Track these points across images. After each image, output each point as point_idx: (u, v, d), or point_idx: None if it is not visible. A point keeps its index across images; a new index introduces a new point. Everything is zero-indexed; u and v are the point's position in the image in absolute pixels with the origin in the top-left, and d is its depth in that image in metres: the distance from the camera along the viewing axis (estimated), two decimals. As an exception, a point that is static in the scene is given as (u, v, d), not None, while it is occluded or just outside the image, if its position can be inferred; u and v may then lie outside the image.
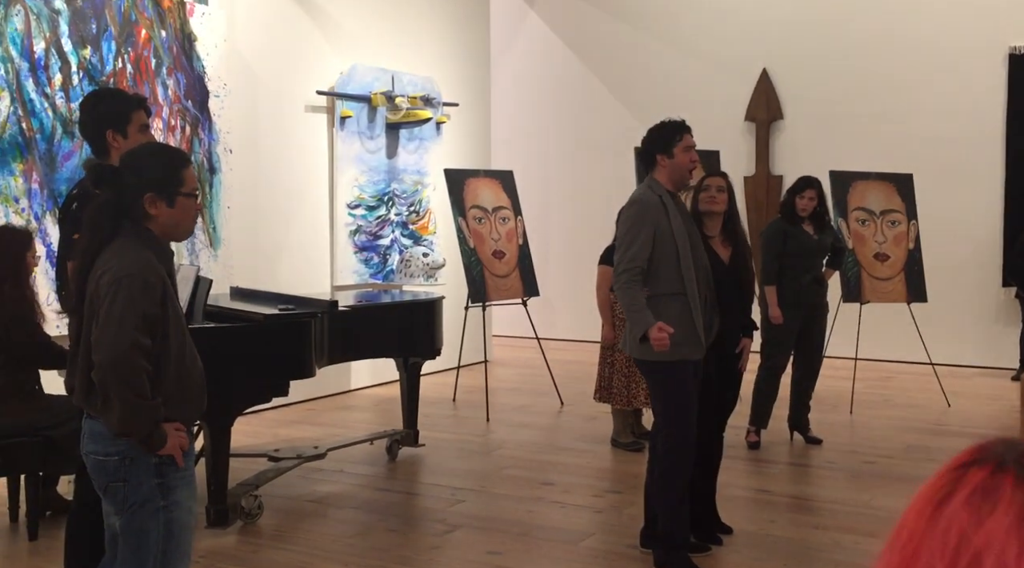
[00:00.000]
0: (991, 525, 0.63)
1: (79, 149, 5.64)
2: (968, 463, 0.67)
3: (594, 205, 9.67)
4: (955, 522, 0.64)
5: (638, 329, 3.68)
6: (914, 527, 0.67)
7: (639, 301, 3.70)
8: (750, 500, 4.80)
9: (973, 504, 0.64)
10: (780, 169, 9.33)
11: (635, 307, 3.70)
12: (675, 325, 3.72)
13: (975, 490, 0.65)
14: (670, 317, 3.74)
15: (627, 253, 3.72)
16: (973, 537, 0.62)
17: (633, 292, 3.70)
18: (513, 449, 5.89)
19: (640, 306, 3.69)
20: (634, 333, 3.70)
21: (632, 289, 3.70)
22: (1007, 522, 0.62)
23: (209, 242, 6.58)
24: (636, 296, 3.70)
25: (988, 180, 8.51)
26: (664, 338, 3.61)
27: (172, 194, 2.52)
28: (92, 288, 2.47)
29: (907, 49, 8.77)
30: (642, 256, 3.70)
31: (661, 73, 9.85)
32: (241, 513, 4.42)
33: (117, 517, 2.55)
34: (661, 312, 3.73)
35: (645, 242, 3.70)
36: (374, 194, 7.92)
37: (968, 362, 8.50)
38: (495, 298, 7.28)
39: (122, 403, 2.39)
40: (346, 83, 7.61)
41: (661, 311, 3.73)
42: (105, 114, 3.17)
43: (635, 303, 3.70)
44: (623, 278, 3.72)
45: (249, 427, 6.18)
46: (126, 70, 6.03)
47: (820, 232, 5.74)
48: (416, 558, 4.06)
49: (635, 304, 3.70)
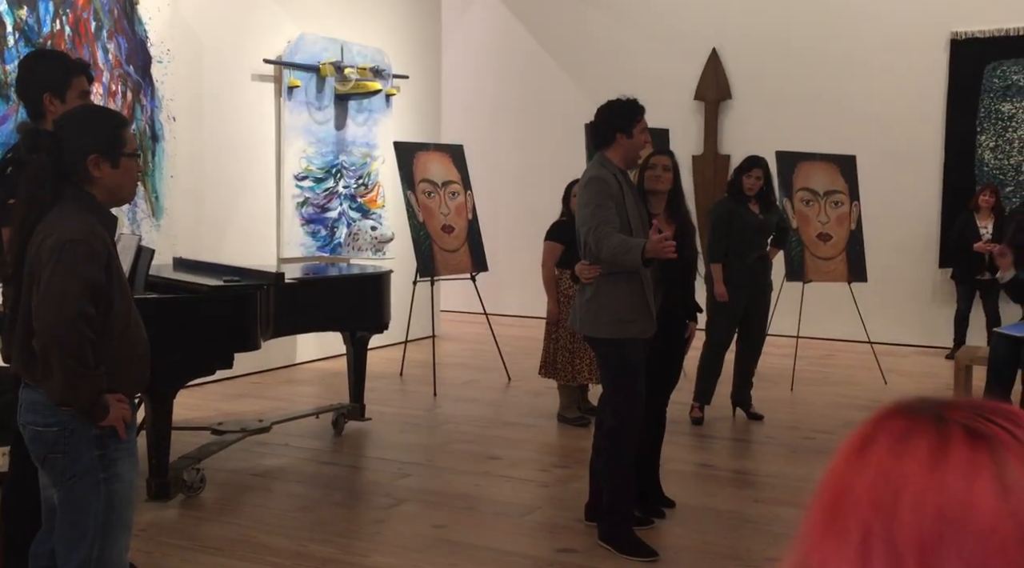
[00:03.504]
0: (909, 464, 0.70)
1: (14, 113, 5.46)
2: (888, 415, 0.75)
3: (543, 181, 9.66)
4: (877, 463, 0.71)
5: (635, 254, 3.55)
6: (841, 472, 0.74)
7: (622, 239, 3.60)
8: (693, 474, 4.88)
9: (893, 448, 0.71)
10: (728, 148, 9.42)
11: (622, 245, 3.58)
12: (627, 303, 3.75)
13: (895, 435, 0.72)
14: (623, 295, 3.76)
15: (595, 219, 3.64)
16: (893, 475, 0.70)
17: (612, 235, 3.59)
18: (460, 423, 5.90)
19: (625, 240, 3.60)
20: (634, 261, 3.58)
21: (610, 236, 3.59)
22: (922, 459, 0.69)
23: (151, 212, 6.44)
24: (617, 237, 3.60)
25: (928, 163, 8.70)
26: (670, 245, 3.50)
27: (116, 155, 2.47)
28: (32, 254, 2.40)
29: (853, 32, 8.90)
30: (613, 222, 3.65)
31: (612, 50, 9.86)
32: (183, 486, 4.37)
33: (56, 489, 2.50)
34: (614, 290, 3.75)
35: (611, 214, 3.67)
36: (322, 166, 7.82)
37: (905, 341, 8.72)
38: (444, 273, 7.26)
39: (64, 372, 2.33)
40: (294, 52, 7.48)
41: (614, 289, 3.75)
42: (44, 77, 3.07)
43: (621, 243, 3.59)
44: (599, 232, 3.61)
45: (193, 400, 6.10)
46: (64, 32, 5.85)
47: (766, 212, 5.82)
48: (361, 532, 4.06)
49: (622, 244, 3.59)
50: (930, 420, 0.73)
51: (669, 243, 3.51)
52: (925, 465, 0.69)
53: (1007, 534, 0.66)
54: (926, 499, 0.68)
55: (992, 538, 0.67)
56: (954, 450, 0.70)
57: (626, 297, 3.76)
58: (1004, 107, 8.40)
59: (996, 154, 8.47)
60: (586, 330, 3.84)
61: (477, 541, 3.95)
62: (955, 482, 0.68)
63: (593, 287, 3.80)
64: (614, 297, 3.75)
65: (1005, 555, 0.66)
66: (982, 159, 8.51)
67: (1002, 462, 0.69)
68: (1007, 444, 0.70)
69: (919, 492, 0.69)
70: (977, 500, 0.68)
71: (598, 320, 3.77)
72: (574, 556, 3.81)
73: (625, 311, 3.76)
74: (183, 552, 3.79)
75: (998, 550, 0.66)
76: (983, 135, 8.49)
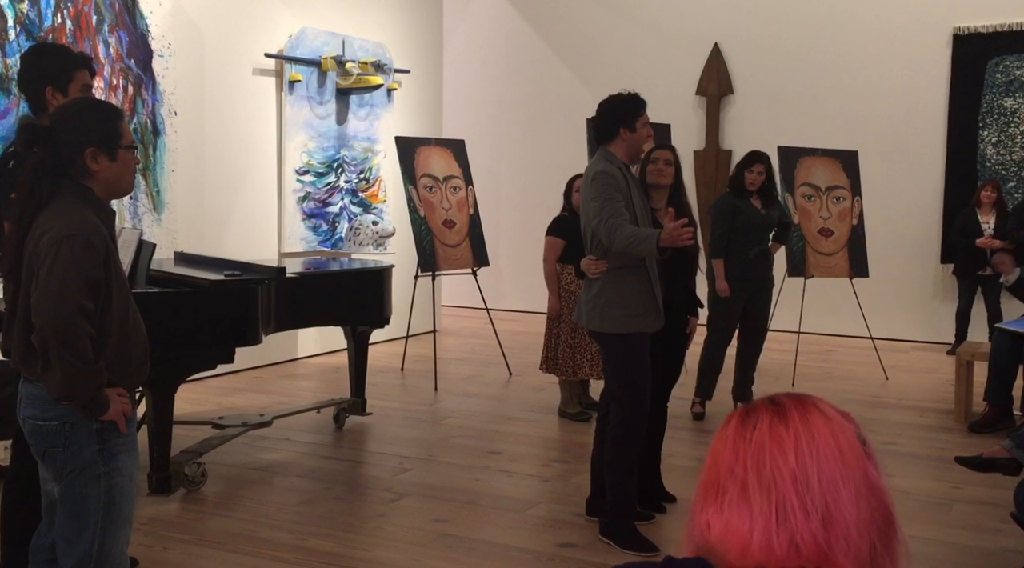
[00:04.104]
0: (760, 428, 1.08)
1: (15, 107, 5.46)
2: (730, 418, 1.14)
3: (545, 176, 9.66)
4: (732, 437, 1.10)
5: (650, 243, 3.53)
6: (717, 450, 1.11)
7: (635, 229, 3.59)
8: (694, 469, 4.88)
9: (740, 425, 1.11)
10: (729, 144, 9.41)
11: (636, 235, 3.57)
12: (636, 297, 3.74)
13: (738, 418, 1.12)
14: (630, 290, 3.75)
15: (605, 211, 3.62)
16: (740, 443, 1.08)
17: (624, 226, 3.58)
18: (461, 418, 5.90)
19: (638, 230, 3.59)
20: (649, 250, 3.56)
21: (622, 227, 3.58)
22: (765, 427, 1.09)
23: (152, 206, 6.44)
24: (629, 227, 3.59)
25: (930, 159, 8.69)
26: (687, 232, 3.48)
27: (113, 147, 2.46)
28: (31, 249, 2.40)
29: (855, 28, 8.88)
30: (623, 214, 3.63)
31: (614, 44, 9.84)
32: (184, 481, 4.37)
33: (56, 483, 2.50)
34: (622, 285, 3.74)
35: (620, 206, 3.66)
36: (323, 161, 7.81)
37: (906, 337, 8.72)
38: (445, 268, 7.26)
39: (63, 367, 2.33)
40: (295, 46, 7.47)
41: (622, 284, 3.74)
42: (46, 70, 3.07)
43: (635, 233, 3.57)
44: (610, 224, 3.59)
45: (194, 394, 6.10)
46: (65, 26, 5.84)
47: (767, 207, 5.81)
48: (362, 526, 4.06)
49: (635, 233, 3.57)
50: (744, 408, 1.12)
51: (686, 230, 3.47)
52: (767, 429, 1.07)
53: (845, 448, 1.05)
54: (785, 446, 1.05)
55: (836, 452, 1.05)
56: (785, 412, 1.08)
57: (634, 291, 3.75)
58: (1006, 102, 8.38)
59: (998, 150, 8.45)
60: (593, 325, 3.82)
61: (478, 536, 3.95)
62: (799, 428, 1.06)
63: (600, 282, 3.79)
64: (622, 291, 3.74)
65: (844, 459, 1.04)
66: (984, 155, 8.49)
67: (822, 409, 1.09)
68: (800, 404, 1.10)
69: (775, 443, 1.06)
70: (817, 434, 1.05)
71: (607, 315, 3.76)
72: (575, 551, 3.81)
73: (634, 305, 3.75)
74: (184, 546, 3.79)
75: (840, 458, 1.04)
76: (985, 130, 8.47)
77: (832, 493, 1.02)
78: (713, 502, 1.08)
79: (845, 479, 1.03)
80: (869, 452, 1.08)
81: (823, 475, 1.03)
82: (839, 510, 1.02)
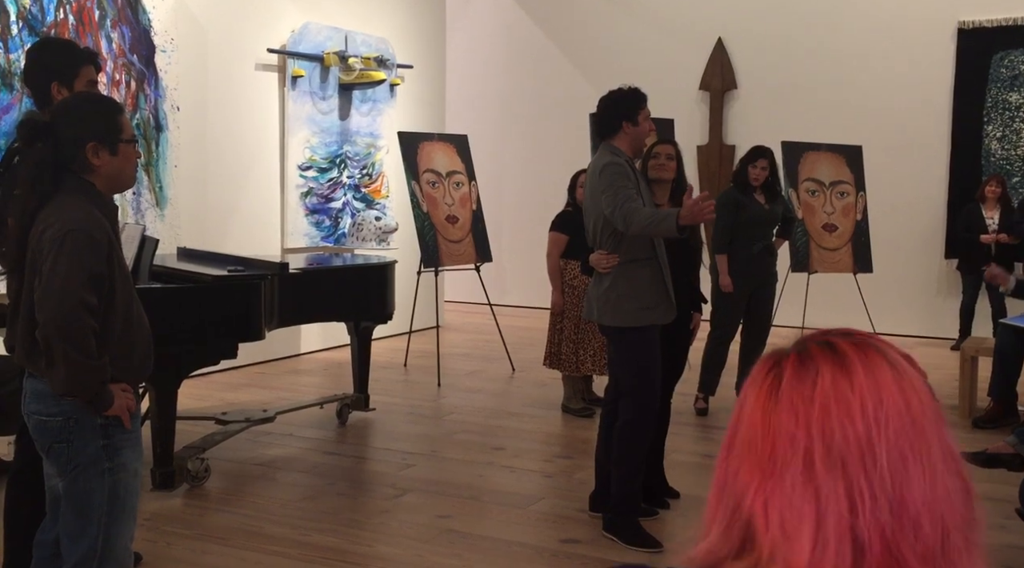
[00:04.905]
0: (821, 384, 0.83)
1: (19, 102, 5.45)
2: (773, 365, 0.87)
3: (548, 171, 9.64)
4: (789, 400, 0.84)
5: (670, 221, 3.51)
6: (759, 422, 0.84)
7: (652, 210, 3.60)
8: (698, 465, 4.88)
9: (794, 385, 0.84)
10: (733, 139, 9.39)
11: (655, 215, 3.56)
12: (649, 290, 3.74)
13: (791, 374, 0.85)
14: (642, 282, 3.74)
15: (619, 198, 3.60)
16: (808, 400, 0.83)
17: (640, 209, 3.56)
18: (464, 414, 5.90)
19: (655, 211, 3.60)
20: (669, 229, 3.54)
21: (638, 210, 3.56)
22: (826, 384, 0.83)
23: (155, 201, 6.44)
24: (646, 209, 3.58)
25: (934, 154, 8.66)
26: (708, 205, 3.45)
27: (114, 141, 2.46)
28: (34, 244, 2.39)
29: (859, 22, 8.85)
30: (636, 198, 3.61)
31: (617, 39, 9.82)
32: (187, 476, 4.38)
33: (60, 479, 2.50)
34: (635, 278, 3.73)
35: (633, 192, 3.64)
36: (326, 156, 7.80)
37: (910, 332, 8.69)
38: (448, 263, 7.25)
39: (67, 363, 2.32)
40: (298, 42, 7.46)
41: (635, 277, 3.73)
42: (52, 65, 3.05)
43: (652, 213, 3.57)
44: (625, 208, 3.56)
45: (197, 390, 6.10)
46: (68, 21, 5.84)
47: (771, 202, 5.80)
48: (366, 522, 4.06)
49: (654, 214, 3.57)
50: (796, 353, 0.86)
51: (707, 204, 3.45)
52: (831, 386, 0.83)
53: (917, 410, 0.83)
54: (852, 409, 0.81)
55: (907, 416, 0.82)
56: (848, 364, 0.84)
57: (646, 283, 3.74)
58: (1011, 97, 8.36)
59: (1003, 144, 8.42)
60: (606, 319, 3.80)
61: (481, 531, 3.95)
62: (864, 385, 0.83)
63: (611, 276, 3.77)
64: (634, 285, 3.73)
65: (915, 425, 0.82)
66: (989, 149, 8.47)
67: (889, 357, 0.86)
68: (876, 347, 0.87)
69: (841, 405, 0.82)
70: (885, 394, 0.82)
71: (620, 308, 3.74)
72: (578, 546, 3.81)
73: (646, 298, 3.74)
74: (187, 541, 3.79)
75: (911, 424, 0.82)
76: (990, 125, 8.45)
77: (901, 471, 0.80)
78: (769, 480, 0.81)
79: (916, 450, 0.81)
80: (940, 412, 0.85)
81: (891, 447, 0.80)
82: (909, 492, 0.80)
